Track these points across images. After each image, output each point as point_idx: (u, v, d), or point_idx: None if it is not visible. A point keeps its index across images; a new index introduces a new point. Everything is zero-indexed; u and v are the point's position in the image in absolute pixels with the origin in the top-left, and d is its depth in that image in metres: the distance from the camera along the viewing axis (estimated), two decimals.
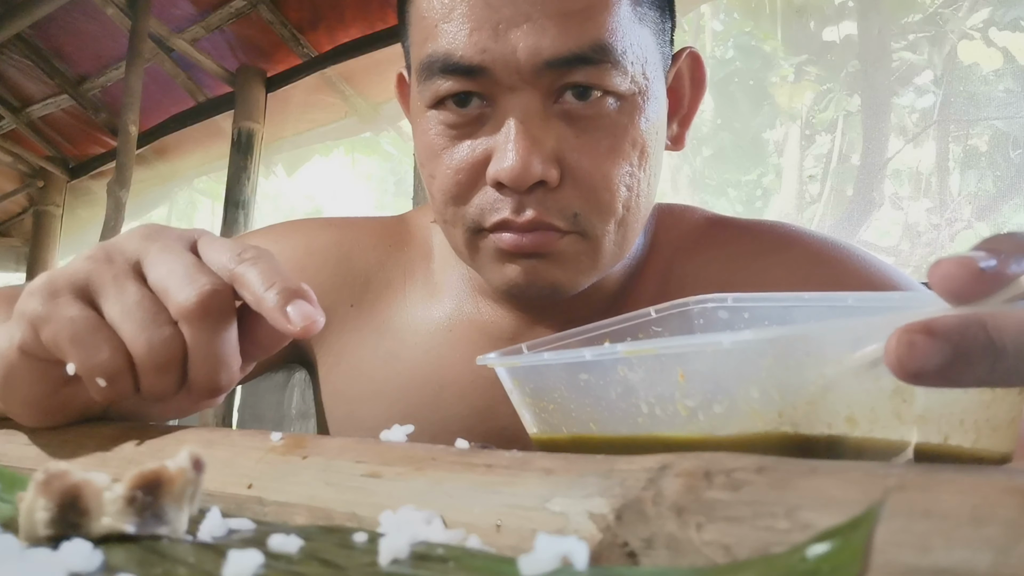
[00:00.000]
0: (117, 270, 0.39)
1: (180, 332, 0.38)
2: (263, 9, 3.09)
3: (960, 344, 0.22)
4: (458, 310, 0.66)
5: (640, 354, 0.31)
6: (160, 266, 0.39)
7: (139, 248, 0.40)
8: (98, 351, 0.37)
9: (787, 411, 0.27)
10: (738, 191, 5.91)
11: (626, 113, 0.53)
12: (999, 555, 0.16)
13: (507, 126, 0.52)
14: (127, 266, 0.39)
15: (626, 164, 0.54)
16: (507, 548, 0.24)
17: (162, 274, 0.38)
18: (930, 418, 0.28)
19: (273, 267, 0.39)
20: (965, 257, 0.25)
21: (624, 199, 0.54)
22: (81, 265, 0.39)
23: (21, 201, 4.61)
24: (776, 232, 0.66)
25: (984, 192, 4.48)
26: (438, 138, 0.55)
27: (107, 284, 0.38)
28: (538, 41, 0.50)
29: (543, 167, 0.51)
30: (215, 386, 0.39)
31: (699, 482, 0.22)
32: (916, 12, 4.88)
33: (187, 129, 3.74)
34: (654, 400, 0.31)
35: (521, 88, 0.52)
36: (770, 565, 0.18)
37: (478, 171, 0.54)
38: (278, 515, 0.31)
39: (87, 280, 0.38)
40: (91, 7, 3.26)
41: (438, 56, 0.53)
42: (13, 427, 0.45)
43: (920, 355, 0.22)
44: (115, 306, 0.38)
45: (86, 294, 0.38)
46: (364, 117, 3.46)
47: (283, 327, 0.37)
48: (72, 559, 0.21)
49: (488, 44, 0.51)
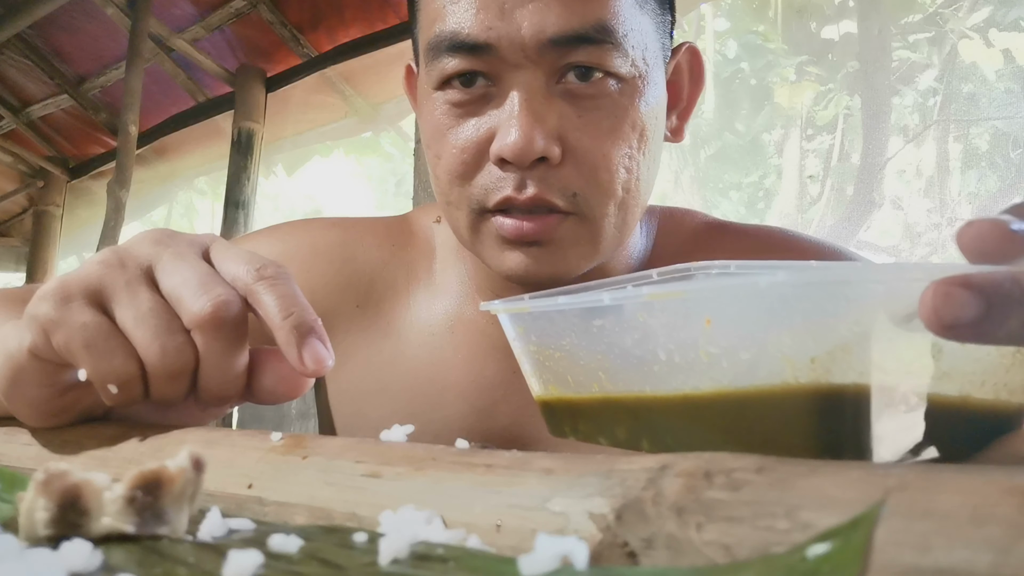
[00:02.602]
0: (130, 276, 0.38)
1: (192, 341, 0.38)
2: (263, 9, 3.09)
3: (995, 296, 0.23)
4: (459, 311, 0.66)
5: (666, 297, 0.29)
6: (174, 274, 0.38)
7: (151, 254, 0.40)
8: (111, 358, 0.37)
9: (821, 358, 0.26)
10: (740, 192, 5.92)
11: (627, 95, 0.55)
12: (999, 555, 0.16)
13: (510, 103, 0.53)
14: (139, 272, 0.39)
15: (625, 146, 0.55)
16: (507, 548, 0.24)
17: (176, 283, 0.38)
18: (954, 375, 0.28)
19: (290, 293, 0.39)
20: (997, 219, 0.25)
21: (623, 181, 0.55)
22: (93, 270, 0.39)
23: (21, 201, 4.61)
24: (773, 236, 0.68)
25: (984, 192, 4.48)
26: (444, 118, 0.56)
27: (120, 290, 0.38)
28: (543, 19, 0.52)
29: (545, 143, 0.52)
30: (224, 396, 0.39)
31: (699, 482, 0.22)
32: (916, 12, 4.88)
33: (187, 129, 3.74)
34: (674, 347, 0.30)
35: (525, 66, 0.53)
36: (770, 565, 0.18)
37: (482, 149, 0.55)
38: (278, 515, 0.31)
39: (100, 285, 0.38)
40: (91, 7, 3.26)
41: (445, 35, 0.54)
42: (14, 426, 0.45)
43: (956, 306, 0.22)
44: (128, 313, 0.38)
45: (98, 300, 0.38)
46: (364, 117, 3.46)
47: (294, 364, 0.38)
48: (72, 559, 0.21)
49: (494, 22, 0.52)
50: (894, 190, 4.83)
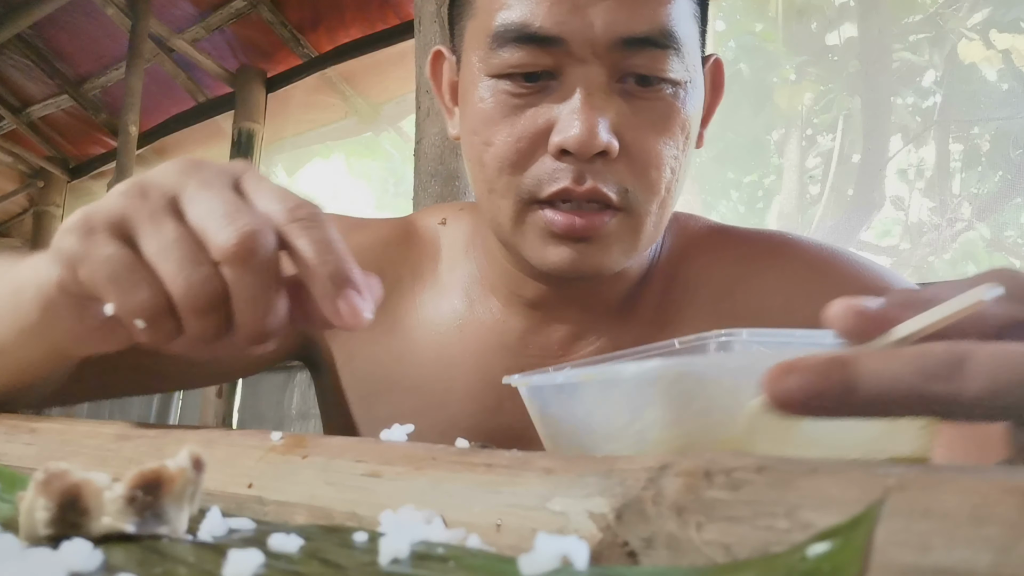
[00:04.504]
0: (154, 206, 0.36)
1: (220, 273, 0.35)
2: (263, 9, 3.09)
3: (815, 380, 0.26)
4: (468, 309, 0.67)
5: (583, 380, 0.34)
6: (199, 203, 0.36)
7: (177, 183, 0.37)
8: (136, 291, 0.35)
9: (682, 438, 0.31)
10: (740, 192, 5.92)
11: (679, 99, 0.57)
12: (999, 555, 0.16)
13: (574, 97, 0.54)
14: (164, 202, 0.37)
15: (674, 147, 0.57)
16: (507, 548, 0.24)
17: (200, 212, 0.36)
18: (822, 444, 0.31)
19: (327, 238, 0.36)
20: (856, 301, 0.30)
21: (667, 180, 0.57)
22: (116, 201, 0.37)
23: (21, 201, 4.61)
24: (774, 240, 0.68)
25: (985, 192, 4.48)
26: (499, 106, 0.57)
27: (143, 221, 0.36)
28: (615, 19, 0.54)
29: (607, 136, 0.54)
30: (262, 330, 0.37)
31: (699, 482, 0.22)
32: (916, 13, 4.88)
33: (187, 129, 3.75)
34: (604, 421, 0.34)
35: (591, 62, 0.54)
36: (770, 565, 0.18)
37: (538, 140, 0.56)
38: (278, 515, 0.31)
39: (122, 216, 0.36)
40: (91, 7, 3.26)
41: (513, 25, 0.55)
42: (15, 426, 0.45)
43: (783, 388, 0.26)
44: (152, 244, 0.36)
45: (122, 231, 0.36)
46: (364, 117, 3.46)
47: (330, 316, 0.36)
48: (72, 559, 0.21)
49: (566, 17, 0.54)
50: (894, 190, 4.83)
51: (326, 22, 3.13)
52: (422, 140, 2.05)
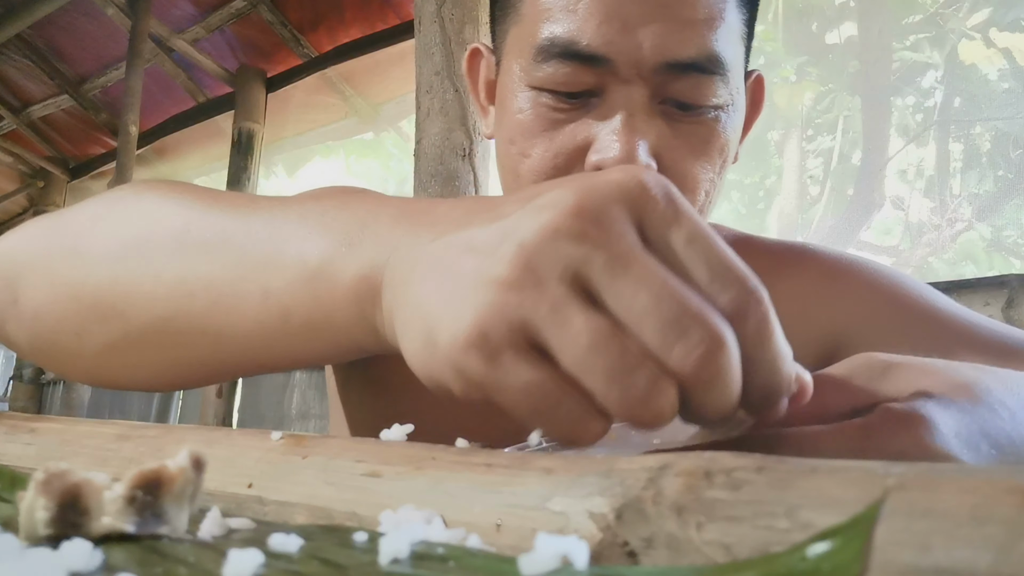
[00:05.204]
0: (555, 299, 0.29)
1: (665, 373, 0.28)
2: (263, 9, 3.09)
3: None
4: None
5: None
6: (622, 292, 0.28)
7: (574, 256, 0.29)
8: (565, 419, 0.29)
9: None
10: (740, 192, 5.92)
11: (720, 122, 0.56)
12: (1000, 554, 0.16)
13: (615, 118, 0.54)
14: (564, 289, 0.29)
15: (711, 169, 0.57)
16: (507, 548, 0.24)
17: (631, 307, 0.28)
18: None
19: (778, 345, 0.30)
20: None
21: (701, 203, 0.57)
22: (506, 300, 0.29)
23: (21, 201, 4.61)
24: (795, 249, 0.69)
25: (985, 192, 4.48)
26: (538, 119, 0.56)
27: (549, 325, 0.29)
28: (664, 41, 0.53)
29: (646, 160, 0.53)
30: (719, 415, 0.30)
31: (699, 481, 0.22)
32: (917, 13, 4.88)
33: (187, 129, 3.75)
34: None
35: (635, 83, 0.54)
36: (770, 565, 0.18)
37: (576, 156, 0.55)
38: (278, 514, 0.31)
39: (521, 323, 0.29)
40: (91, 7, 3.27)
41: (560, 40, 0.54)
42: (15, 426, 0.45)
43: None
44: (568, 355, 0.29)
45: (527, 339, 0.29)
46: (364, 117, 3.46)
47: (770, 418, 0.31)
48: (72, 559, 0.21)
49: (615, 37, 0.53)
50: (894, 190, 4.83)
51: (326, 22, 3.13)
52: (422, 140, 2.05)
